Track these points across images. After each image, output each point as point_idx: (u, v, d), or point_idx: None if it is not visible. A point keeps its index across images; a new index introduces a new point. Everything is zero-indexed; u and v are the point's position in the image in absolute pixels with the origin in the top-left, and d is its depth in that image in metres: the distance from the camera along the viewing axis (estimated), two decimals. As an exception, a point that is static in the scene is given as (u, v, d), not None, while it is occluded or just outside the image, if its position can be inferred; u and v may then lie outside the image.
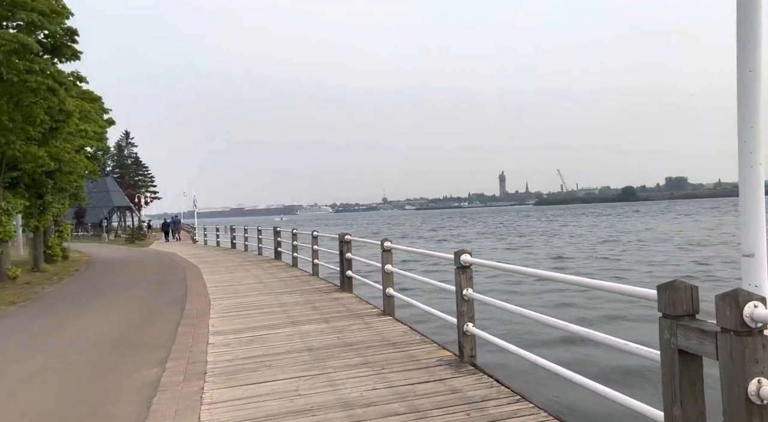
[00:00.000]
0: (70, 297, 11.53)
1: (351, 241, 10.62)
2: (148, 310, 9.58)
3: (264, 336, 6.96)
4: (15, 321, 8.84)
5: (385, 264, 7.84)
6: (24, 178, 15.13)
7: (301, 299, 9.88)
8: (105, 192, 54.26)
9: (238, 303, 9.87)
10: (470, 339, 5.17)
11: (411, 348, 5.95)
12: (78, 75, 11.26)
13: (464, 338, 5.17)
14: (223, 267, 16.99)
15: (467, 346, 5.17)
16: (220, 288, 12.05)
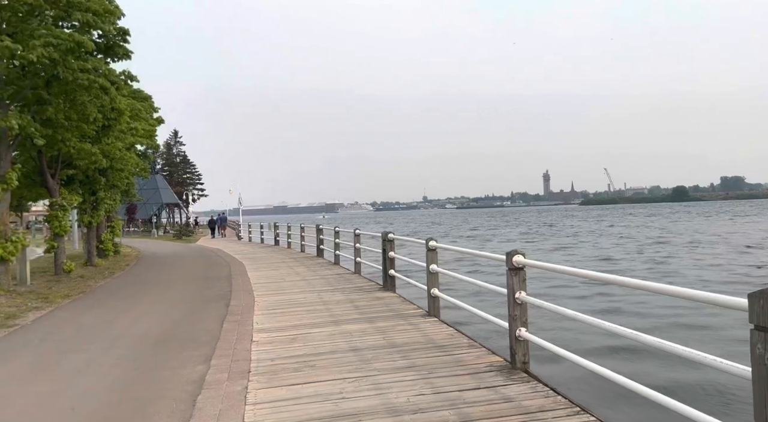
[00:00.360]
0: (120, 292, 11.81)
1: (394, 240, 10.45)
2: (193, 305, 9.69)
3: (307, 335, 6.87)
4: (68, 314, 9.09)
5: (431, 264, 7.63)
6: (79, 175, 15.67)
7: (343, 297, 9.79)
8: (155, 189, 56.07)
9: (281, 300, 9.87)
10: (523, 345, 4.91)
11: (458, 351, 5.72)
12: (129, 74, 11.54)
13: (517, 343, 4.91)
14: (267, 264, 17.15)
15: (520, 352, 4.90)
16: (264, 285, 12.11)
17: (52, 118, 11.21)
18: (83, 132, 12.44)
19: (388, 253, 10.30)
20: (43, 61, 9.54)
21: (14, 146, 10.72)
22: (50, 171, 13.72)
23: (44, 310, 9.41)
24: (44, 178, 13.58)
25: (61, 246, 13.91)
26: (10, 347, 6.80)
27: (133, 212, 52.78)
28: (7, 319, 8.54)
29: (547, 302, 4.66)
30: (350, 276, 13.21)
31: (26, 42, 9.64)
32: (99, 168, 15.89)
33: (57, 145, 12.29)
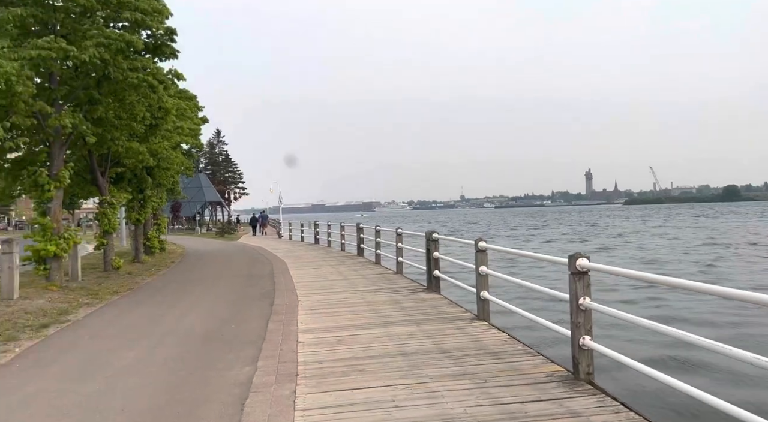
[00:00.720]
0: (166, 288, 11.96)
1: (438, 240, 10.19)
2: (238, 304, 9.68)
3: (353, 337, 6.70)
4: (116, 311, 9.21)
5: (480, 266, 7.34)
6: (127, 173, 16.03)
7: (387, 298, 9.60)
8: (198, 187, 57.36)
9: (325, 300, 9.76)
10: (587, 355, 4.59)
11: (514, 359, 5.43)
12: (176, 72, 11.67)
13: (580, 353, 4.59)
14: (308, 263, 17.15)
15: (584, 362, 4.58)
16: (307, 284, 12.05)
17: (102, 117, 11.44)
18: (132, 131, 12.67)
19: (432, 253, 10.06)
20: (94, 61, 9.72)
21: (67, 145, 10.99)
22: (100, 169, 14.06)
23: (94, 307, 9.57)
24: (94, 176, 13.92)
25: (110, 244, 14.24)
26: (62, 344, 6.89)
27: (177, 210, 54.12)
28: (60, 315, 8.70)
29: (616, 310, 4.32)
30: (392, 275, 13.02)
31: (79, 43, 9.84)
32: (146, 167, 16.20)
33: (107, 144, 12.55)
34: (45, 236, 10.60)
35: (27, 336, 7.27)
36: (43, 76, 10.66)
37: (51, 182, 10.64)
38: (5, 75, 8.53)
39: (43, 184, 10.57)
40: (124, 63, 10.44)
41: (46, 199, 10.73)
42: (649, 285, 14.18)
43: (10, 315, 8.50)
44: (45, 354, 6.38)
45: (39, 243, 10.56)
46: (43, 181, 10.52)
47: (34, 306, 9.20)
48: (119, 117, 12.00)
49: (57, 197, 10.91)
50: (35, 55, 9.06)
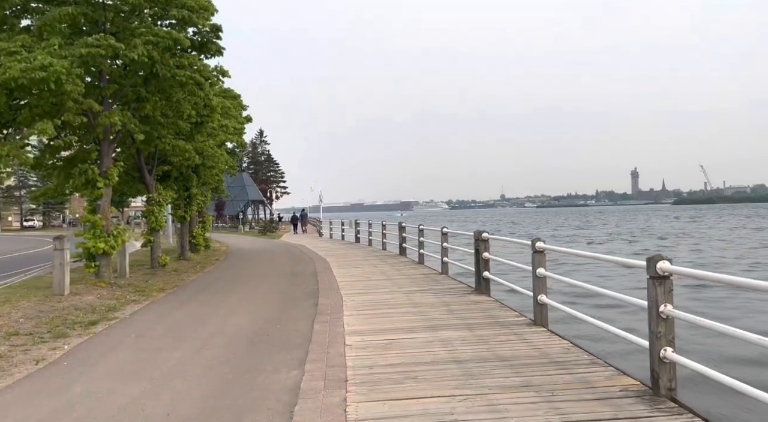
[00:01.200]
0: (212, 286, 11.95)
1: (489, 240, 9.77)
2: (283, 303, 9.52)
3: (403, 341, 6.39)
4: (163, 309, 9.19)
5: (537, 268, 6.90)
6: (173, 171, 16.22)
7: (435, 300, 9.24)
8: (242, 186, 58.35)
9: (370, 301, 9.49)
10: (669, 369, 4.13)
11: (580, 370, 5.00)
12: (221, 69, 11.65)
13: (661, 366, 4.14)
14: (351, 262, 16.96)
15: (665, 377, 4.13)
16: (350, 283, 11.82)
17: (149, 115, 11.52)
18: (178, 129, 12.75)
19: (482, 254, 9.64)
20: (143, 59, 9.75)
21: (116, 143, 11.11)
22: (147, 167, 14.24)
23: (141, 304, 9.59)
24: (142, 174, 14.11)
25: (156, 241, 14.40)
26: (109, 342, 6.84)
27: (221, 208, 55.18)
28: (108, 312, 8.73)
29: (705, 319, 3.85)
30: (437, 276, 12.65)
31: (128, 41, 9.90)
32: (192, 165, 16.35)
33: (154, 142, 12.67)
34: (94, 233, 10.73)
35: (76, 332, 7.28)
36: (93, 74, 10.79)
37: (101, 179, 10.76)
38: (55, 73, 8.60)
39: (94, 181, 10.70)
40: (171, 61, 10.45)
41: (96, 196, 10.87)
42: (723, 289, 13.36)
43: (60, 311, 8.58)
44: (92, 351, 6.33)
45: (89, 241, 10.70)
46: (94, 177, 10.65)
47: (84, 303, 9.28)
48: (165, 115, 12.07)
49: (106, 194, 11.03)
50: (85, 52, 9.13)
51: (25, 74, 8.56)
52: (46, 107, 9.53)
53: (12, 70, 8.53)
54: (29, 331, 7.23)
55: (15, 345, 6.59)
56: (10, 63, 8.64)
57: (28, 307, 8.72)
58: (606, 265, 19.79)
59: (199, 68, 10.76)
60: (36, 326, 7.58)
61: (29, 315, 8.22)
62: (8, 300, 9.33)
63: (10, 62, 8.65)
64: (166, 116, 12.14)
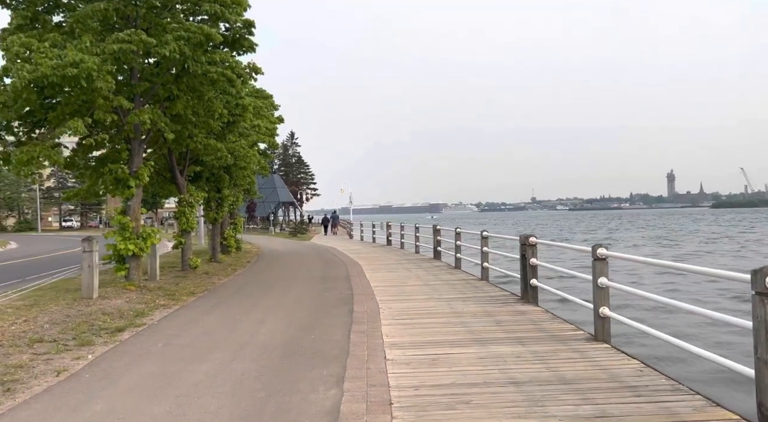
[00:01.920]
0: (243, 290, 11.58)
1: (537, 244, 9.09)
2: (316, 309, 9.05)
3: (449, 357, 5.81)
4: (192, 314, 8.81)
5: (599, 277, 6.23)
6: (205, 172, 15.98)
7: (478, 309, 8.63)
8: (273, 188, 58.56)
9: (407, 308, 8.93)
10: (784, 405, 3.45)
11: (662, 398, 4.33)
12: (254, 66, 11.27)
13: (773, 402, 3.46)
14: (384, 265, 16.44)
15: (778, 415, 3.45)
16: (385, 289, 11.29)
17: (180, 113, 11.23)
18: (209, 128, 12.44)
19: (529, 260, 8.97)
20: (174, 55, 9.43)
21: (146, 142, 10.84)
22: (179, 167, 14.00)
23: (170, 308, 9.24)
24: (173, 174, 13.87)
25: (187, 243, 14.13)
26: (136, 351, 6.45)
27: (252, 210, 55.44)
28: (136, 317, 8.39)
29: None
30: (477, 282, 12.00)
31: (160, 36, 9.60)
32: (224, 165, 16.09)
33: (185, 142, 12.39)
34: (124, 235, 10.47)
35: (102, 340, 6.93)
36: (124, 72, 10.55)
37: (131, 179, 10.49)
38: (86, 70, 8.33)
39: (124, 181, 10.44)
40: (203, 57, 10.12)
41: (127, 196, 10.61)
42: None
43: (87, 316, 8.28)
44: (117, 363, 5.94)
45: (118, 243, 10.44)
46: (124, 177, 10.39)
47: (112, 307, 8.98)
48: (197, 113, 11.77)
49: (137, 195, 10.77)
50: (117, 48, 8.85)
51: (56, 71, 8.31)
52: (76, 105, 9.29)
53: (43, 67, 8.30)
54: (54, 338, 6.91)
55: (38, 353, 6.26)
56: (41, 60, 8.41)
57: (55, 311, 8.45)
58: (669, 274, 18.82)
59: (232, 64, 10.39)
60: (61, 332, 7.27)
61: (56, 319, 7.94)
62: (37, 303, 9.10)
63: (41, 59, 8.41)
64: (197, 115, 11.84)
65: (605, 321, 6.19)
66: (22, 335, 7.05)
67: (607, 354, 5.70)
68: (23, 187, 76.48)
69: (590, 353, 5.76)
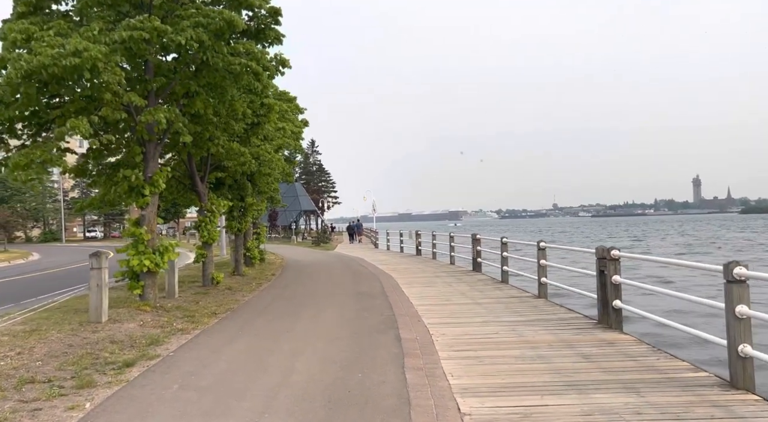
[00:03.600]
0: (270, 310, 10.31)
1: (620, 259, 7.64)
2: (356, 336, 7.72)
3: (545, 413, 4.43)
4: (214, 343, 7.55)
5: (737, 304, 4.79)
6: (227, 179, 14.84)
7: (552, 337, 7.20)
8: (294, 196, 57.62)
9: (465, 335, 7.56)
10: None
11: None
12: (281, 58, 10.08)
13: None
14: (419, 278, 15.07)
15: None
16: (430, 308, 9.94)
17: (200, 113, 10.07)
18: (232, 130, 11.27)
19: (611, 277, 7.53)
20: (191, 43, 8.27)
21: (162, 145, 9.69)
22: (199, 174, 12.85)
23: (189, 334, 8.01)
24: (193, 181, 12.72)
25: (209, 256, 12.94)
26: (145, 397, 5.20)
27: (274, 218, 54.53)
28: (150, 346, 7.17)
29: None
30: (533, 300, 10.55)
31: (176, 24, 8.47)
32: (248, 172, 14.93)
33: (205, 145, 11.23)
34: (138, 249, 9.30)
35: (105, 379, 5.70)
36: (137, 66, 9.44)
37: (146, 186, 9.34)
38: (91, 60, 7.20)
39: (138, 188, 9.29)
40: (224, 48, 8.94)
41: (141, 205, 9.45)
42: None
43: (93, 345, 7.07)
44: (119, 415, 4.68)
45: (132, 258, 9.28)
46: (138, 184, 9.24)
47: (123, 333, 7.78)
48: (218, 113, 10.60)
49: (152, 204, 9.60)
50: (126, 36, 7.71)
51: (57, 61, 7.19)
52: (82, 103, 8.19)
53: (42, 56, 7.18)
54: (48, 377, 5.70)
55: (25, 400, 5.04)
56: (41, 49, 7.30)
57: (56, 340, 7.26)
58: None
59: (256, 55, 9.19)
60: (59, 368, 6.07)
61: (55, 351, 6.75)
62: (38, 329, 7.94)
63: (41, 48, 7.31)
64: (219, 115, 10.68)
65: (746, 362, 4.75)
66: (12, 373, 5.85)
67: (759, 409, 4.26)
68: (48, 197, 76.92)
69: (737, 408, 4.32)
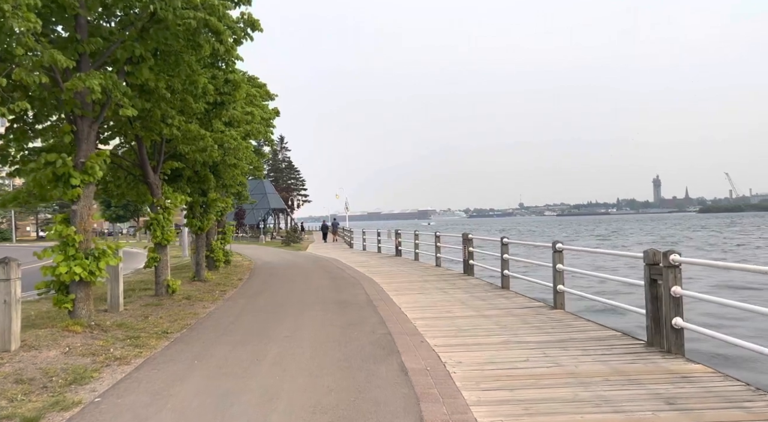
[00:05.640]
0: (236, 328, 8.46)
1: (681, 265, 6.08)
2: (347, 366, 5.99)
3: None
4: (160, 379, 5.69)
5: None
6: (186, 170, 12.85)
7: (604, 368, 5.60)
8: (263, 194, 55.27)
9: (488, 363, 5.90)
10: None
11: None
12: (251, 18, 8.25)
13: None
14: (407, 284, 13.41)
15: None
16: (430, 322, 8.28)
17: (150, 86, 8.14)
18: (190, 109, 9.35)
19: (670, 288, 5.98)
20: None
21: (99, 121, 7.71)
22: (151, 163, 10.84)
23: (128, 364, 6.13)
24: (144, 171, 10.70)
25: (163, 260, 10.94)
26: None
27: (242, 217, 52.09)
28: (70, 385, 5.29)
29: None
30: (551, 312, 8.99)
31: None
32: (209, 163, 12.97)
33: (157, 126, 9.26)
34: (68, 253, 7.34)
35: (-14, 452, 3.83)
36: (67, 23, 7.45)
37: (76, 174, 7.37)
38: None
39: (66, 177, 7.32)
40: None
41: (71, 198, 7.48)
42: None
43: (-12, 388, 5.14)
44: None
45: (59, 264, 7.30)
46: (65, 171, 7.27)
47: (37, 366, 5.84)
48: (172, 88, 8.69)
49: (85, 197, 7.62)
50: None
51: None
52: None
53: None
54: None
55: None
56: None
57: (-64, 381, 5.30)
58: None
59: (216, 8, 7.29)
60: None
61: (-74, 401, 4.80)
62: None
63: None
64: (173, 90, 8.77)
65: None
66: None
67: None
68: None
69: None
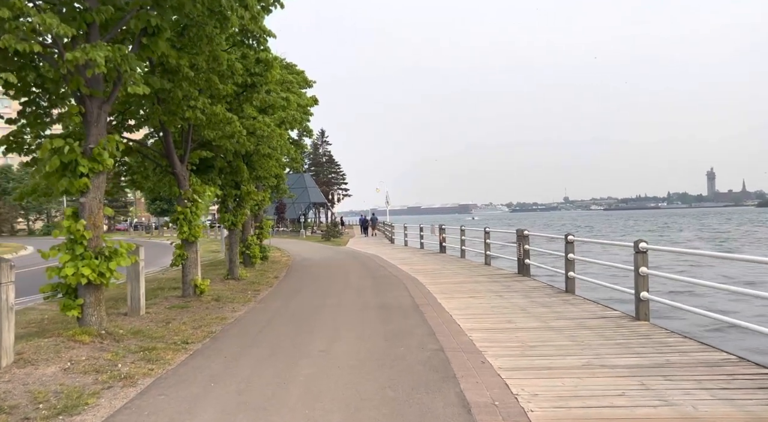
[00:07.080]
0: (266, 337, 7.43)
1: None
2: (393, 392, 4.84)
3: None
4: (166, 411, 4.67)
5: None
6: (217, 161, 11.96)
7: (734, 411, 4.26)
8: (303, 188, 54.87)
9: (573, 399, 4.62)
10: None
11: None
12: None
13: None
14: (455, 285, 12.16)
15: None
16: (489, 336, 7.03)
17: (170, 61, 7.17)
18: (216, 89, 8.36)
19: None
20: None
21: (110, 102, 6.79)
22: (177, 153, 9.96)
23: (133, 387, 5.16)
24: (170, 161, 9.82)
25: (191, 258, 10.06)
26: None
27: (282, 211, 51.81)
28: (59, 416, 4.33)
29: None
30: (633, 324, 7.58)
31: None
32: (242, 153, 12.04)
33: (179, 110, 8.32)
34: (75, 252, 6.46)
35: None
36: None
37: (84, 162, 6.47)
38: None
39: (73, 165, 6.44)
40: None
41: (79, 189, 6.60)
42: None
43: (-42, 419, 4.24)
44: None
45: (66, 265, 6.44)
46: (72, 158, 6.39)
47: (26, 389, 4.92)
48: (196, 66, 7.72)
49: (95, 188, 6.73)
50: None
51: None
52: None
53: None
54: None
55: None
56: None
57: None
58: None
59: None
60: None
61: None
62: None
63: None
64: (196, 68, 7.79)
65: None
66: None
67: None
68: (51, 189, 74.57)
69: None
